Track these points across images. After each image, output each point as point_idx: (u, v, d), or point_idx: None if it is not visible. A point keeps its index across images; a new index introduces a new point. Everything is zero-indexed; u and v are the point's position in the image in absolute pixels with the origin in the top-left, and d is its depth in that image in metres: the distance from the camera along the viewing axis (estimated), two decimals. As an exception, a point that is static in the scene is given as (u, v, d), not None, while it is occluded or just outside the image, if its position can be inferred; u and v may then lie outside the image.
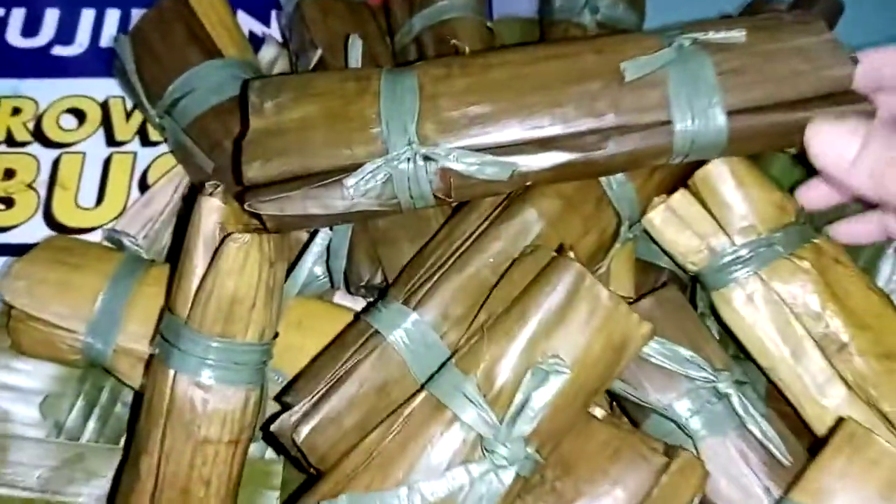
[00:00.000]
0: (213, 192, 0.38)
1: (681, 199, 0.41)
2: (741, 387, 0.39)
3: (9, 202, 0.55)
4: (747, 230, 0.40)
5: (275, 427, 0.38)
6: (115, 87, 0.58)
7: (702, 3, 0.51)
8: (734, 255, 0.40)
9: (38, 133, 0.58)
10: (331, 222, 0.41)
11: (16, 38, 0.62)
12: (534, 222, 0.40)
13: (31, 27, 0.63)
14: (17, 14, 0.63)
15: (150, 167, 0.56)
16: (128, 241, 0.50)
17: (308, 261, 0.43)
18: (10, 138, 0.57)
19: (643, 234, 0.43)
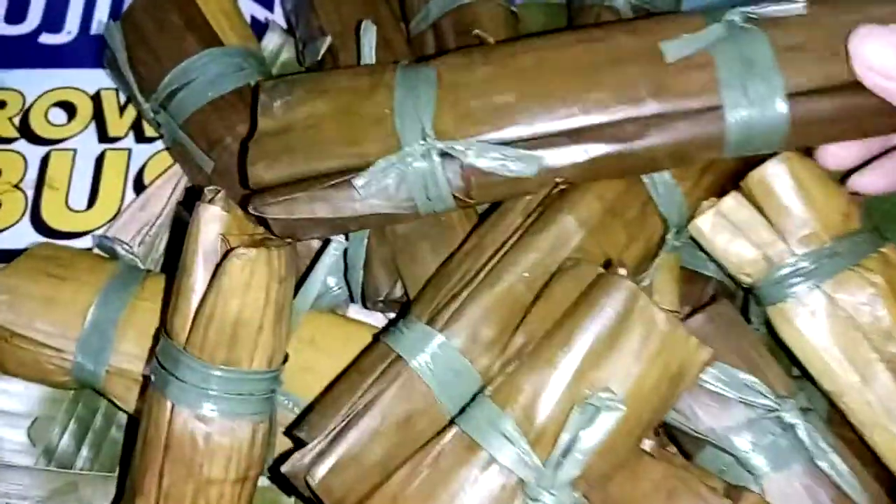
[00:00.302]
0: (214, 198, 0.36)
1: (733, 203, 0.39)
2: (807, 414, 0.37)
3: (-7, 204, 0.54)
4: (809, 238, 0.38)
5: (286, 468, 0.36)
6: (107, 79, 0.56)
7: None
8: (794, 266, 0.38)
9: (25, 128, 0.56)
10: (343, 228, 0.40)
11: (-1, 24, 0.62)
12: (573, 231, 0.37)
13: (16, 13, 0.61)
14: (1, -1, 0.63)
15: (147, 165, 0.55)
16: (121, 248, 0.48)
17: (321, 272, 0.41)
18: (-6, 134, 0.57)
19: (689, 241, 0.41)
